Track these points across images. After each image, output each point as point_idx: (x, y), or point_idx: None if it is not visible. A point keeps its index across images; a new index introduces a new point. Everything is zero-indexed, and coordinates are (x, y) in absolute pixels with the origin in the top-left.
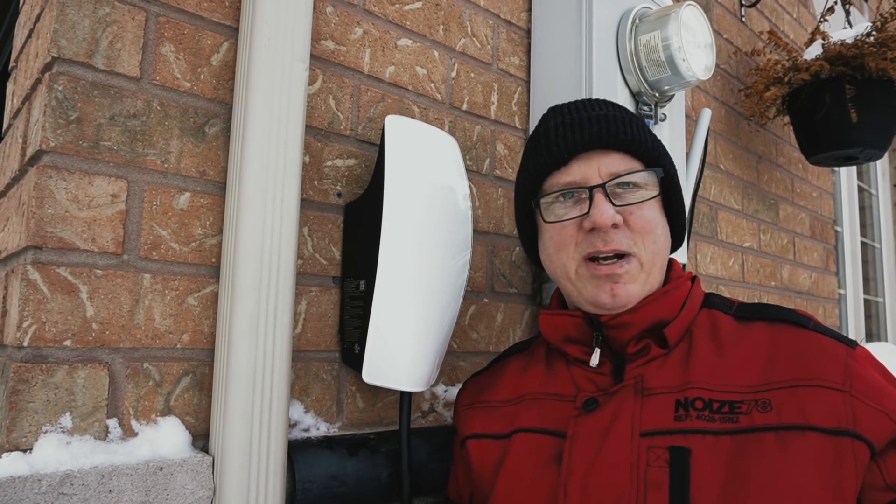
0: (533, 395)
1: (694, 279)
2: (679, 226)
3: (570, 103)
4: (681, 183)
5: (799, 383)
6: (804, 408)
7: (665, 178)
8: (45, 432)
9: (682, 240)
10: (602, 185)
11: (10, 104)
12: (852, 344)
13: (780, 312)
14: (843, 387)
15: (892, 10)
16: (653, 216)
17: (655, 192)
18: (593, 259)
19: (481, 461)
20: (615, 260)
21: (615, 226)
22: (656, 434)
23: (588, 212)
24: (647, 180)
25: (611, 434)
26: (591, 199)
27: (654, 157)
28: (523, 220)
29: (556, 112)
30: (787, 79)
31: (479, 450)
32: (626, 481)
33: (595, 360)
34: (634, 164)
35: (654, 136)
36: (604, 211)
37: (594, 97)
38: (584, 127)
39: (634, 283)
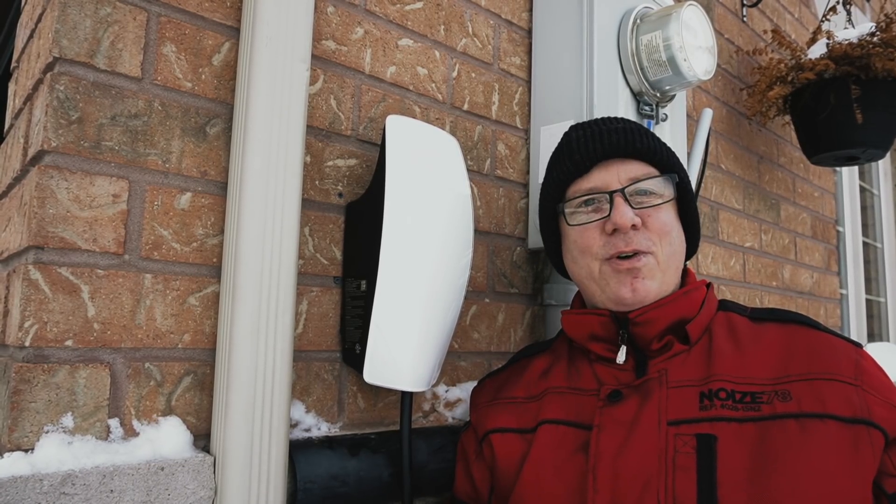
0: (556, 389)
1: (709, 285)
2: (693, 232)
3: (590, 120)
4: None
5: (815, 376)
6: (822, 398)
7: (680, 184)
8: (47, 432)
9: (696, 246)
10: (621, 190)
11: (12, 104)
12: (858, 345)
13: (792, 315)
14: (856, 381)
15: None
16: (669, 219)
17: (671, 197)
18: (613, 258)
19: (506, 455)
20: (636, 255)
21: (634, 227)
22: (682, 423)
23: (609, 215)
24: (662, 186)
25: (638, 423)
26: (611, 202)
27: (669, 164)
28: (547, 230)
29: (576, 127)
30: (790, 78)
31: (503, 443)
32: (654, 466)
33: (622, 357)
34: (651, 171)
35: (669, 148)
36: (623, 213)
37: (595, 98)
38: (603, 137)
39: (653, 280)
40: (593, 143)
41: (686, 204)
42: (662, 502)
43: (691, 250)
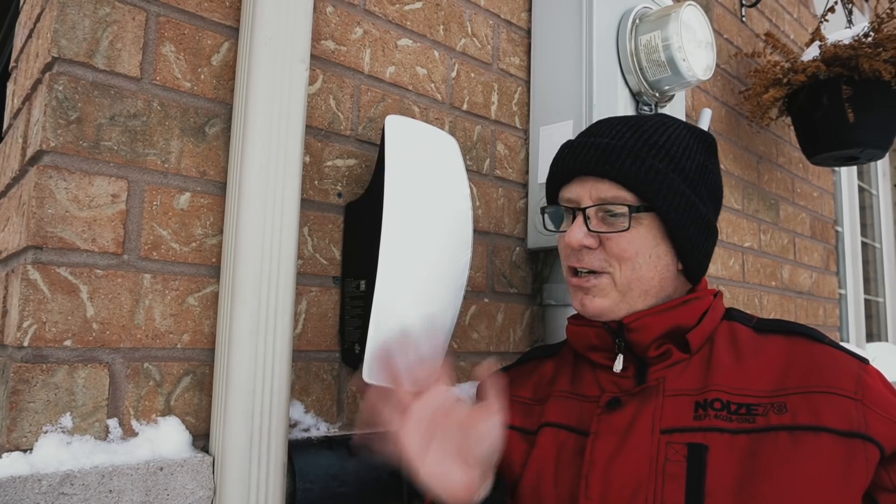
0: (560, 393)
1: (717, 294)
2: (692, 254)
3: (600, 122)
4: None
5: (813, 389)
6: (818, 411)
7: (662, 208)
8: (46, 432)
9: (702, 267)
10: (583, 210)
11: (11, 104)
12: (865, 360)
13: (798, 327)
14: (856, 395)
15: (888, 11)
16: (631, 245)
17: (626, 227)
18: (573, 271)
19: (509, 452)
20: (588, 274)
21: (589, 248)
22: (675, 431)
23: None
24: (629, 213)
25: (632, 430)
26: (574, 219)
27: (651, 191)
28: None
29: (582, 133)
30: (785, 80)
31: (507, 440)
32: (644, 473)
33: (619, 365)
34: (623, 195)
35: (660, 166)
36: (574, 233)
37: (595, 98)
38: (581, 153)
39: (605, 298)
40: (573, 156)
41: (676, 224)
42: None
43: (696, 271)
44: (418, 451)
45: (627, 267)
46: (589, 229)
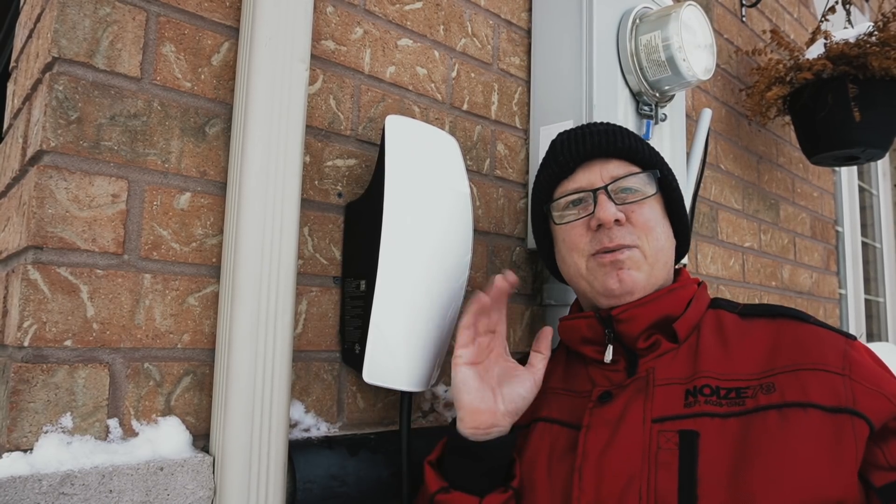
0: (552, 389)
1: (700, 284)
2: (682, 228)
3: (575, 126)
4: (681, 183)
5: (800, 367)
6: (805, 388)
7: (663, 180)
8: (46, 432)
9: (688, 243)
10: (604, 188)
11: (11, 104)
12: (851, 336)
13: (783, 309)
14: (843, 371)
15: (895, 10)
16: (653, 215)
17: (653, 192)
18: (598, 253)
19: None
20: (619, 249)
21: (619, 222)
22: (667, 419)
23: (593, 212)
24: (644, 182)
25: (623, 421)
26: (595, 200)
27: (651, 162)
28: (539, 233)
29: (562, 133)
30: (788, 78)
31: None
32: (637, 463)
33: (608, 355)
34: (633, 169)
35: (651, 147)
36: (606, 209)
37: (595, 99)
38: (586, 139)
39: (639, 271)
40: (576, 144)
41: (673, 201)
42: (644, 498)
43: (683, 247)
44: (465, 352)
45: (653, 238)
46: (616, 204)
